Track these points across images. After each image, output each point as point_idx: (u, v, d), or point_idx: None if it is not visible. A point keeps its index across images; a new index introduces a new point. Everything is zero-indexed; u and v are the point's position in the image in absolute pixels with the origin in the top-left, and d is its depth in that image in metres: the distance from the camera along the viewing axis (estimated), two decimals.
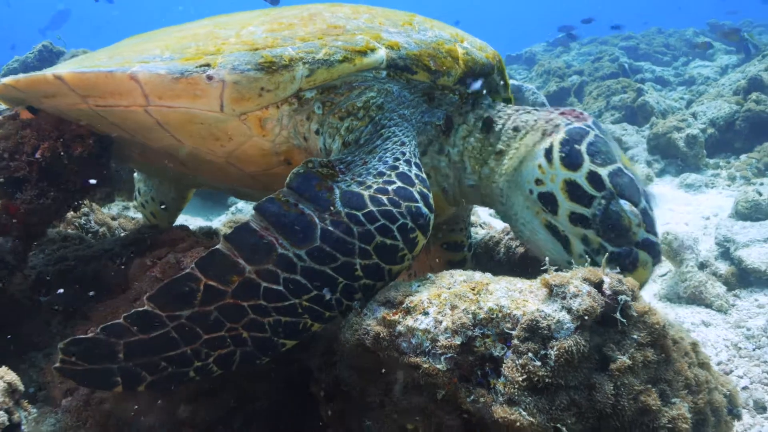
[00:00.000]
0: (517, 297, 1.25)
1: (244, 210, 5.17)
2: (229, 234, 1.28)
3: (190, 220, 4.95)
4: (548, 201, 1.56)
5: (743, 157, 5.80)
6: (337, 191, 1.35)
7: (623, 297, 1.26)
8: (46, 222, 1.63)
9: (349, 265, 1.30)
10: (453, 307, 1.25)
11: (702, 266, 3.07)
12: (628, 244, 1.53)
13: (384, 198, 1.35)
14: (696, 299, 2.99)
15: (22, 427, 1.37)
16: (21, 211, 1.55)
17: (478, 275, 1.40)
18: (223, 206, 5.52)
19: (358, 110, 1.52)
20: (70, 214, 2.25)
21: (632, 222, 1.53)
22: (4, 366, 1.37)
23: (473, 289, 1.30)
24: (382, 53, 1.46)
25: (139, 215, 3.01)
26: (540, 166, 1.57)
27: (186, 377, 1.31)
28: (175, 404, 1.47)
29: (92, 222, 2.56)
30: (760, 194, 3.55)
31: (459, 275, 1.41)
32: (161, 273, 1.64)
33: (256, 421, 1.67)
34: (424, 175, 1.47)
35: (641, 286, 1.40)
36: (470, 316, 1.22)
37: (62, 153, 1.58)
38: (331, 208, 1.31)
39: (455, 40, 1.64)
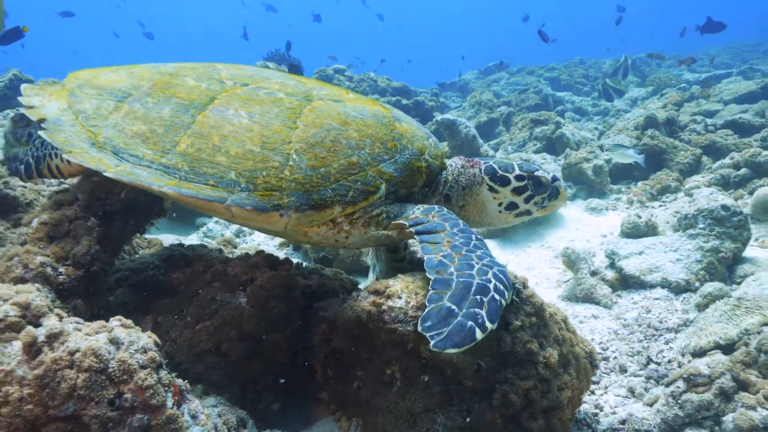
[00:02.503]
0: None
1: (214, 230, 5.79)
2: None
3: (162, 236, 5.50)
4: (511, 206, 2.53)
5: (640, 184, 6.88)
6: None
7: (518, 286, 2.07)
8: (126, 242, 2.28)
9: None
10: (416, 294, 2.02)
11: (593, 273, 3.98)
12: (550, 187, 2.54)
13: None
14: (588, 299, 3.89)
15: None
16: (114, 234, 2.22)
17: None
18: (191, 225, 6.12)
19: (370, 219, 2.21)
20: None
21: (545, 178, 2.52)
22: (133, 328, 1.94)
23: (427, 283, 2.08)
24: (383, 189, 2.16)
25: (148, 235, 3.64)
26: (496, 200, 2.52)
27: None
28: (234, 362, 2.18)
29: None
30: (639, 217, 4.53)
31: (417, 276, 2.18)
32: (211, 277, 2.35)
33: (275, 379, 2.38)
34: None
35: (565, 202, 2.63)
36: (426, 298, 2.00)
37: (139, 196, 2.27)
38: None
39: (420, 154, 2.37)
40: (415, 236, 2.06)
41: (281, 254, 4.97)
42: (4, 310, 1.72)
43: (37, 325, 1.73)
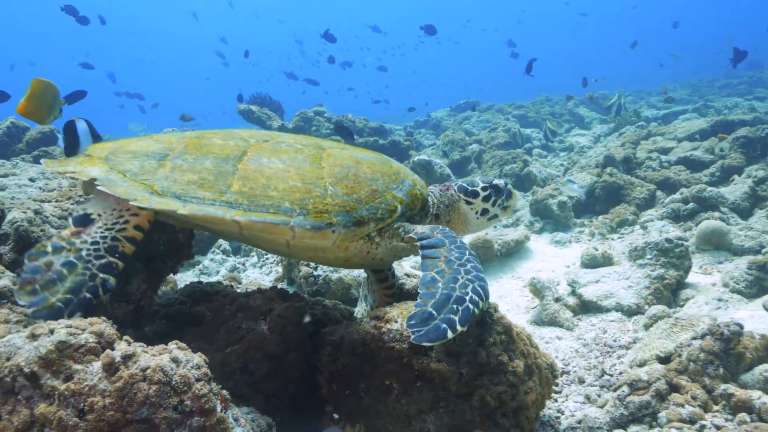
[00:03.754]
0: None
1: (210, 267, 6.21)
2: None
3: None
4: (484, 212, 3.13)
5: (600, 217, 7.51)
6: None
7: (490, 310, 2.58)
8: (163, 280, 2.72)
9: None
10: None
11: (557, 300, 4.51)
12: (505, 190, 3.14)
13: None
14: (553, 322, 4.42)
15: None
16: (155, 274, 2.67)
17: None
18: (188, 264, 6.52)
19: (393, 232, 2.68)
20: None
21: (501, 184, 3.15)
22: (188, 350, 2.41)
23: None
24: (399, 208, 2.68)
25: None
26: (473, 209, 3.14)
27: None
28: (259, 379, 2.63)
29: None
30: (596, 250, 5.10)
31: (409, 304, 2.67)
32: (236, 308, 2.81)
33: (290, 394, 2.82)
34: None
35: (518, 199, 3.47)
36: None
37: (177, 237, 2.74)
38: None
39: (414, 185, 2.89)
40: (420, 251, 2.50)
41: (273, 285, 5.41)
42: (84, 338, 2.15)
43: (111, 349, 2.17)
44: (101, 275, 2.27)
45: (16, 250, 3.28)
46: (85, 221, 2.45)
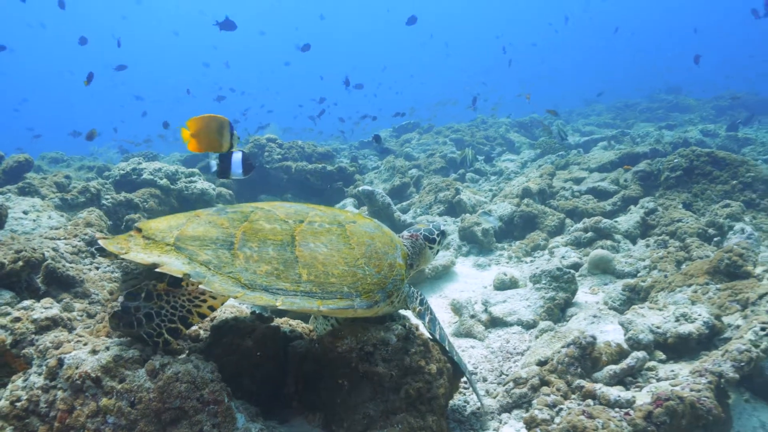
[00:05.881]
0: None
1: None
2: None
3: None
4: (436, 252, 4.15)
5: (517, 243, 8.77)
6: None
7: (413, 329, 3.65)
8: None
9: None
10: (357, 335, 3.54)
11: (472, 317, 5.65)
12: (446, 232, 4.12)
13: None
14: (469, 335, 5.55)
15: None
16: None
17: None
18: None
19: (404, 297, 3.56)
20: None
21: (443, 229, 4.18)
22: (201, 360, 3.38)
23: (363, 328, 3.61)
24: (404, 274, 3.56)
25: None
26: (432, 252, 4.14)
27: None
28: (247, 382, 3.61)
29: None
30: (505, 275, 6.30)
31: (358, 325, 3.70)
32: (227, 329, 3.78)
33: (266, 392, 3.80)
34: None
35: (447, 237, 4.72)
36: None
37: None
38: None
39: (401, 247, 3.75)
40: (417, 316, 3.71)
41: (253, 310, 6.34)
42: (132, 352, 3.09)
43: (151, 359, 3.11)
44: (166, 336, 2.91)
45: (45, 282, 4.17)
46: (176, 284, 2.94)
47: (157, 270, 2.76)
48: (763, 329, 4.11)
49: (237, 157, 4.90)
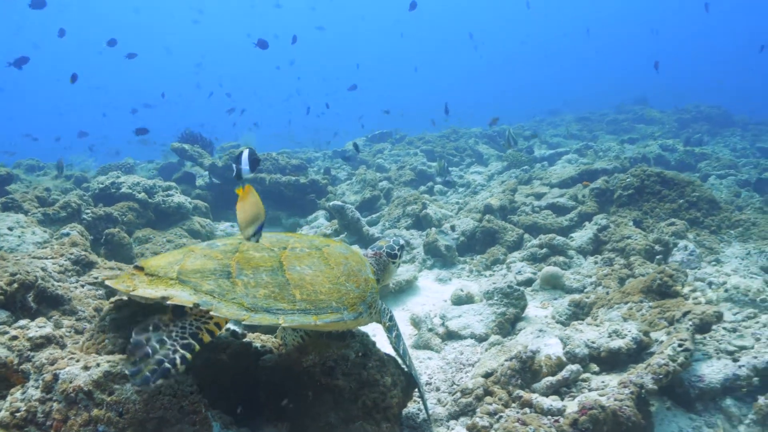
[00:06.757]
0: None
1: None
2: None
3: None
4: (399, 265, 4.59)
5: (478, 257, 9.31)
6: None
7: (371, 346, 4.11)
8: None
9: None
10: (320, 352, 4.00)
11: (430, 330, 6.14)
12: (403, 246, 4.56)
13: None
14: (426, 347, 6.04)
15: None
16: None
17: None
18: None
19: (378, 310, 3.94)
20: None
21: (402, 243, 4.62)
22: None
23: (326, 345, 4.07)
24: (377, 286, 3.95)
25: None
26: (394, 265, 4.52)
27: None
28: (225, 394, 4.04)
29: None
30: (462, 291, 6.81)
31: (323, 342, 4.15)
32: (206, 346, 4.21)
33: (239, 403, 4.23)
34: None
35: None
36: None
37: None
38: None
39: (368, 264, 4.10)
40: (387, 330, 4.12)
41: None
42: (120, 368, 3.49)
43: None
44: (182, 351, 3.02)
45: (36, 301, 4.56)
46: (180, 312, 3.16)
47: (167, 302, 3.01)
48: (680, 345, 4.67)
49: (244, 155, 5.34)
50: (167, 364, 2.97)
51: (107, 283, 3.23)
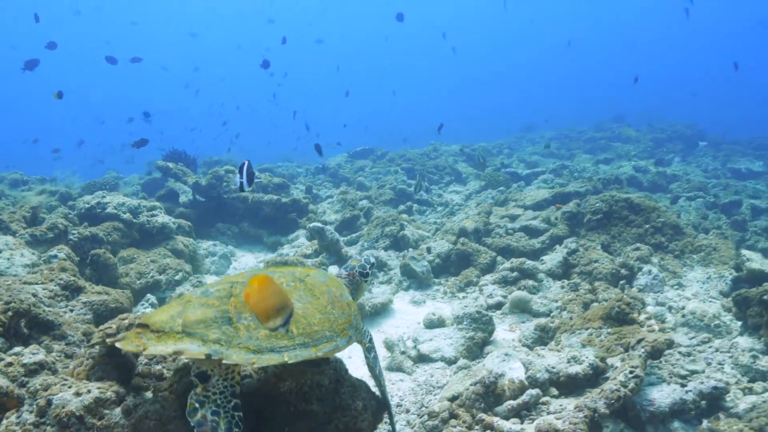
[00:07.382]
0: None
1: None
2: None
3: None
4: (370, 282, 4.85)
5: (452, 279, 9.67)
6: None
7: (344, 373, 4.43)
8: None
9: None
10: (298, 379, 4.31)
11: (402, 353, 6.47)
12: (373, 264, 4.86)
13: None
14: (399, 369, 6.35)
15: None
16: None
17: None
18: None
19: (362, 333, 4.14)
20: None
21: (374, 261, 4.91)
22: None
23: (302, 372, 4.38)
24: (360, 315, 4.10)
25: None
26: (367, 284, 4.79)
27: None
28: None
29: None
30: (434, 315, 7.14)
31: (301, 371, 4.46)
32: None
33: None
34: None
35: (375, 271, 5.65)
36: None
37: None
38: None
39: (345, 286, 4.32)
40: (365, 351, 4.41)
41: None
42: (109, 394, 3.77)
43: (125, 400, 3.81)
44: (236, 413, 3.31)
45: (28, 326, 4.82)
46: (204, 377, 3.32)
47: (181, 357, 3.29)
48: (631, 372, 5.04)
49: (243, 168, 6.03)
50: (236, 429, 3.31)
51: (117, 345, 3.38)
